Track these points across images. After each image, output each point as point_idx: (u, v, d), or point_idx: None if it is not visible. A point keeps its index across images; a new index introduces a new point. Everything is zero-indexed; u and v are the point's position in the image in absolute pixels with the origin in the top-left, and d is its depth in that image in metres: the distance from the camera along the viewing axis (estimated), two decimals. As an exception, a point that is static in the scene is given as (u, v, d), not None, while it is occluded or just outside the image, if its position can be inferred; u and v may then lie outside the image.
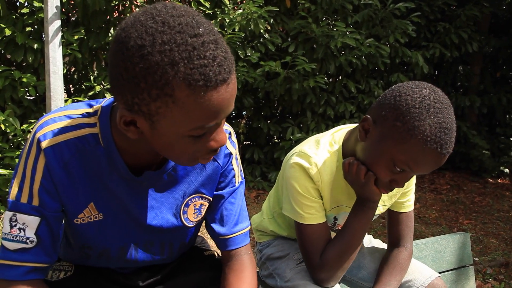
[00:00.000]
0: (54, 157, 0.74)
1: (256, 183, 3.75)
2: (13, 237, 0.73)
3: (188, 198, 0.88)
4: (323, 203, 1.07)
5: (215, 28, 0.65)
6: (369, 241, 1.29)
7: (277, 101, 4.18)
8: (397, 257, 1.13)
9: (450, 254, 1.40)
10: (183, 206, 0.88)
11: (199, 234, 1.02)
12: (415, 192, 1.21)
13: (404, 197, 1.17)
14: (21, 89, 2.90)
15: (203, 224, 0.96)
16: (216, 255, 1.03)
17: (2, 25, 2.78)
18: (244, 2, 3.54)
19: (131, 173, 0.79)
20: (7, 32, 2.78)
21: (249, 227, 0.95)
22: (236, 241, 0.92)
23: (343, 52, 3.81)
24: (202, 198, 0.89)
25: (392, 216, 1.18)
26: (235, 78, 0.66)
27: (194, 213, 0.89)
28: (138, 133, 0.68)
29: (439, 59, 4.51)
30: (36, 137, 0.74)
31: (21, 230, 0.73)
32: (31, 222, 0.74)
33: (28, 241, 0.74)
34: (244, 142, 4.21)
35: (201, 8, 3.45)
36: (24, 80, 2.86)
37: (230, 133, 0.89)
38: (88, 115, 0.77)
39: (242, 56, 3.52)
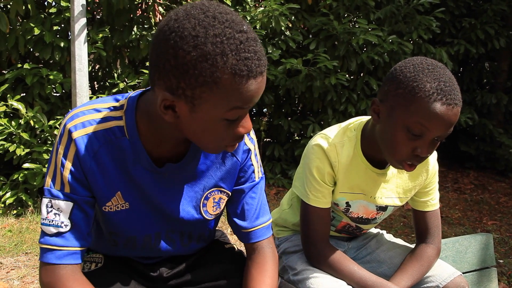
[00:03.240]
0: (85, 146, 0.78)
1: (276, 180, 3.76)
2: (49, 221, 0.79)
3: (208, 192, 0.91)
4: (335, 187, 1.11)
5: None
6: (389, 238, 1.29)
7: (298, 98, 4.18)
8: (424, 251, 1.14)
9: (471, 255, 1.38)
10: (202, 199, 0.91)
11: (218, 228, 1.05)
12: (438, 191, 1.21)
13: (426, 196, 1.17)
14: (49, 86, 3.00)
15: (225, 219, 0.99)
16: (236, 249, 1.06)
17: (32, 25, 2.88)
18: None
19: (154, 164, 0.83)
20: (36, 31, 2.88)
21: (271, 220, 0.98)
22: (258, 234, 0.95)
23: (365, 49, 3.78)
24: (221, 192, 0.93)
25: (418, 215, 1.19)
26: (266, 71, 0.75)
27: (213, 206, 0.93)
28: (174, 117, 0.73)
29: (464, 55, 4.42)
30: (67, 127, 0.79)
31: (56, 215, 0.78)
32: (64, 207, 0.78)
33: (63, 225, 0.78)
34: (265, 139, 4.22)
35: (222, 5, 3.48)
36: (51, 77, 2.96)
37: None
38: (114, 108, 0.82)
39: (263, 54, 3.53)
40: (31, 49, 3.09)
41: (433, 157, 1.16)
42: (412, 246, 1.20)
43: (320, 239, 1.09)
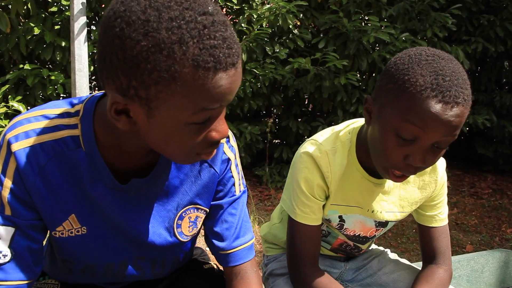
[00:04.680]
0: (27, 161, 0.66)
1: (284, 183, 3.64)
2: None
3: (182, 210, 0.79)
4: (326, 201, 0.96)
5: (221, 9, 0.59)
6: (393, 257, 1.16)
7: (307, 99, 4.05)
8: (435, 273, 1.00)
9: (489, 274, 1.25)
10: (176, 219, 0.79)
11: (197, 245, 0.94)
12: (453, 195, 1.08)
13: (433, 210, 1.03)
14: (50, 87, 2.94)
15: (203, 236, 0.88)
16: (216, 268, 0.94)
17: (32, 24, 2.82)
18: (272, -3, 3.43)
19: (116, 181, 0.71)
20: (36, 31, 2.82)
21: (253, 240, 0.86)
22: (238, 256, 0.83)
23: (377, 48, 3.63)
24: (197, 209, 0.81)
25: (424, 231, 1.04)
26: (241, 63, 0.60)
27: (189, 227, 0.81)
28: (130, 123, 0.61)
29: (482, 54, 4.22)
30: (6, 138, 0.66)
31: None
32: (4, 234, 0.66)
33: (1, 255, 0.66)
34: (273, 141, 4.11)
35: (228, 3, 3.38)
36: (53, 78, 2.90)
37: (228, 137, 0.80)
38: (68, 115, 0.69)
39: (270, 53, 3.42)
40: (33, 50, 3.03)
41: (442, 165, 1.01)
42: (419, 266, 1.07)
43: (306, 261, 0.95)
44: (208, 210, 0.82)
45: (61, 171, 0.68)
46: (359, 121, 0.99)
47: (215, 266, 0.95)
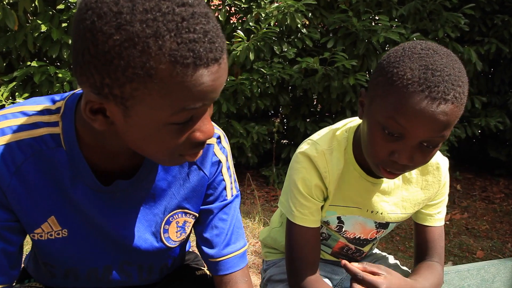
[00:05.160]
0: (2, 159, 0.63)
1: (290, 185, 3.60)
2: None
3: (170, 215, 0.75)
4: (326, 200, 0.93)
5: (204, 0, 0.54)
6: (393, 263, 1.12)
7: (315, 99, 4.00)
8: (429, 264, 0.97)
9: (500, 284, 1.19)
10: (163, 224, 0.75)
11: (192, 250, 0.90)
12: (464, 200, 1.05)
13: (432, 209, 0.99)
14: (57, 85, 2.94)
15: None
16: (209, 274, 0.91)
17: (39, 21, 2.82)
18: (281, -5, 3.39)
19: (99, 182, 0.67)
20: (43, 28, 2.82)
21: (245, 248, 0.82)
22: (228, 265, 0.79)
23: (387, 48, 3.57)
24: (185, 214, 0.77)
25: (419, 230, 1.01)
26: (226, 58, 0.56)
27: (177, 231, 0.77)
28: (107, 123, 0.57)
29: (495, 55, 4.13)
30: None
31: None
32: None
33: None
34: (281, 141, 4.07)
35: (236, 2, 3.34)
36: (60, 75, 2.90)
37: (219, 137, 0.76)
38: (48, 112, 0.66)
39: (278, 52, 3.38)
40: (40, 47, 3.04)
41: (445, 165, 0.97)
42: None
43: (305, 267, 0.91)
44: (197, 214, 0.78)
45: (39, 170, 0.65)
46: (357, 120, 0.96)
47: (208, 273, 0.92)
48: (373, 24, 3.45)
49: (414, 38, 3.41)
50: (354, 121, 0.96)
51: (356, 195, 0.94)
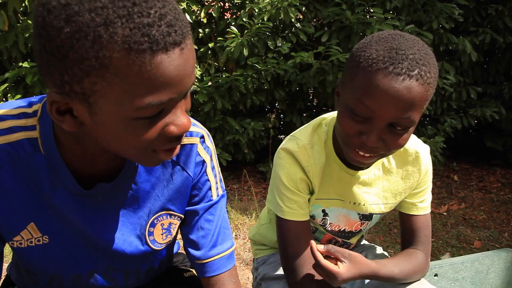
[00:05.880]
0: None
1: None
2: None
3: (154, 217, 0.74)
4: (312, 194, 0.94)
5: None
6: (380, 252, 1.13)
7: (311, 93, 3.99)
8: (409, 251, 0.97)
9: (494, 275, 1.19)
10: (148, 227, 0.74)
11: (180, 252, 0.90)
12: (461, 190, 1.05)
13: (415, 197, 0.99)
14: (50, 85, 2.92)
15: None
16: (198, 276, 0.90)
17: (30, 22, 2.80)
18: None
19: (80, 186, 0.65)
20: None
21: (232, 248, 0.81)
22: (215, 266, 0.78)
23: (381, 40, 3.56)
24: (170, 215, 0.75)
25: (404, 220, 1.01)
26: (191, 44, 0.53)
27: (162, 234, 0.76)
28: (76, 124, 0.55)
29: (490, 45, 4.12)
30: None
31: None
32: None
33: None
34: (278, 136, 4.07)
35: (229, -3, 3.32)
36: (52, 76, 2.88)
37: (203, 137, 0.75)
38: (24, 116, 0.64)
39: (272, 47, 3.36)
40: (31, 47, 3.01)
41: (425, 153, 0.98)
42: None
43: (302, 262, 0.90)
44: (182, 216, 0.77)
45: (17, 176, 0.63)
46: (336, 113, 0.96)
47: (196, 274, 0.91)
48: (367, 16, 3.44)
49: (409, 30, 3.40)
50: (332, 115, 0.97)
51: (338, 188, 0.94)
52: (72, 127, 0.55)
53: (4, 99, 2.89)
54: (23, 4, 2.77)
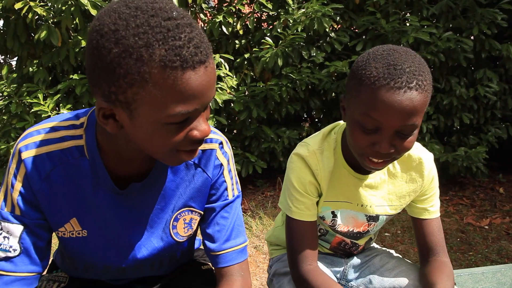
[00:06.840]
0: (35, 168, 0.74)
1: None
2: None
3: (178, 212, 0.85)
4: (320, 199, 1.01)
5: (189, 14, 0.64)
6: (396, 255, 1.15)
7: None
8: (439, 264, 1.00)
9: (516, 287, 1.17)
10: (172, 221, 0.85)
11: (201, 247, 0.99)
12: (506, 203, 1.08)
13: (424, 203, 1.06)
14: (97, 96, 3.14)
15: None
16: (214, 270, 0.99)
17: (80, 37, 3.03)
18: (308, 1, 3.42)
19: (115, 185, 0.77)
20: (84, 43, 3.02)
21: (245, 244, 0.89)
22: (227, 258, 0.87)
23: (419, 49, 3.50)
24: (192, 212, 0.86)
25: (418, 225, 1.07)
26: (213, 64, 0.64)
27: (184, 228, 0.86)
28: (117, 127, 0.67)
29: (538, 51, 3.92)
30: (18, 148, 0.75)
31: (5, 239, 0.75)
32: (14, 231, 0.75)
33: (11, 249, 0.74)
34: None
35: (264, 10, 3.41)
36: (99, 87, 3.09)
37: (221, 143, 0.84)
38: (74, 127, 0.77)
39: (306, 57, 3.41)
40: (82, 61, 3.25)
41: (428, 160, 1.04)
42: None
43: (304, 258, 0.98)
44: (202, 212, 0.87)
45: (65, 178, 0.76)
46: (344, 122, 1.04)
47: (213, 268, 0.99)
48: (402, 25, 3.40)
49: (447, 38, 3.33)
50: (341, 124, 1.05)
51: (347, 191, 1.02)
52: (114, 129, 0.67)
53: (57, 108, 3.13)
54: (74, 22, 3.01)
